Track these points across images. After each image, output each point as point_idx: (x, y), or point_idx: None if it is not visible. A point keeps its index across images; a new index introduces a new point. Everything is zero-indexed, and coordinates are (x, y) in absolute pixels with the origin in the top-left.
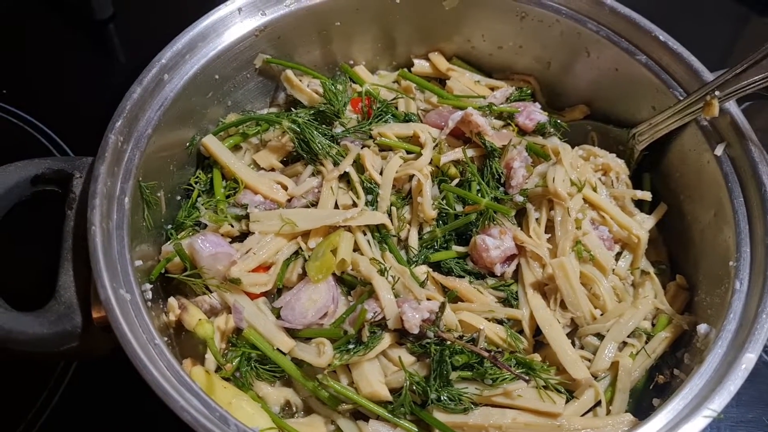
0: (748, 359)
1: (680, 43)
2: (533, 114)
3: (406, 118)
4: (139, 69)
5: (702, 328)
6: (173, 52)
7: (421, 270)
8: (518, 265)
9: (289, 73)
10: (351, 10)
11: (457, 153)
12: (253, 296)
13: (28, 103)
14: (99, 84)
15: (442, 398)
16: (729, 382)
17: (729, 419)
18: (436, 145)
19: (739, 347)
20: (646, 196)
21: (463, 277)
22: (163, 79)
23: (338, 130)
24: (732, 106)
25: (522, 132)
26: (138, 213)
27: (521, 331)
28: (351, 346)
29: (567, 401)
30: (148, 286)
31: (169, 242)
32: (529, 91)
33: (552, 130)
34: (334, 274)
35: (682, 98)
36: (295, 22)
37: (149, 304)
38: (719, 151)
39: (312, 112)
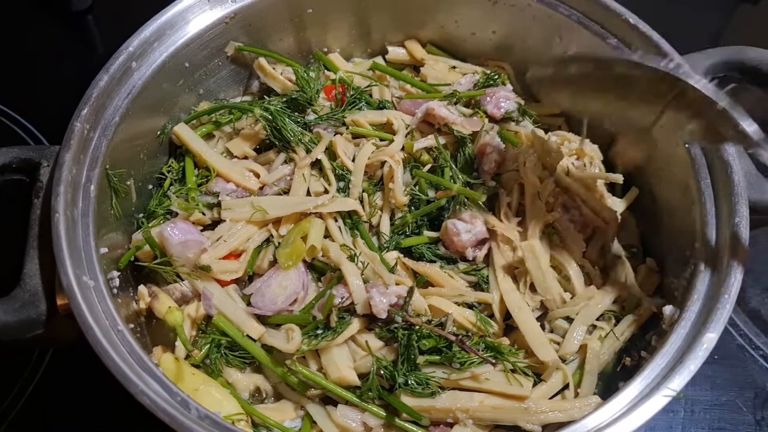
0: (709, 339)
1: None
2: (501, 102)
3: (380, 106)
4: None
5: (668, 309)
6: (141, 39)
7: (392, 256)
8: (489, 249)
9: (262, 60)
10: None
11: (429, 140)
12: (223, 283)
13: (5, 94)
14: (77, 75)
15: (409, 382)
16: (689, 362)
17: (703, 402)
18: (409, 132)
19: (701, 327)
20: (618, 178)
21: (435, 262)
22: (131, 66)
23: (311, 117)
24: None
25: (491, 120)
26: (105, 201)
27: (492, 316)
28: (319, 332)
29: (535, 384)
30: (116, 273)
31: (139, 230)
32: (496, 77)
33: (520, 118)
34: (305, 261)
35: None
36: (266, 9)
37: (116, 291)
38: None
39: (285, 99)
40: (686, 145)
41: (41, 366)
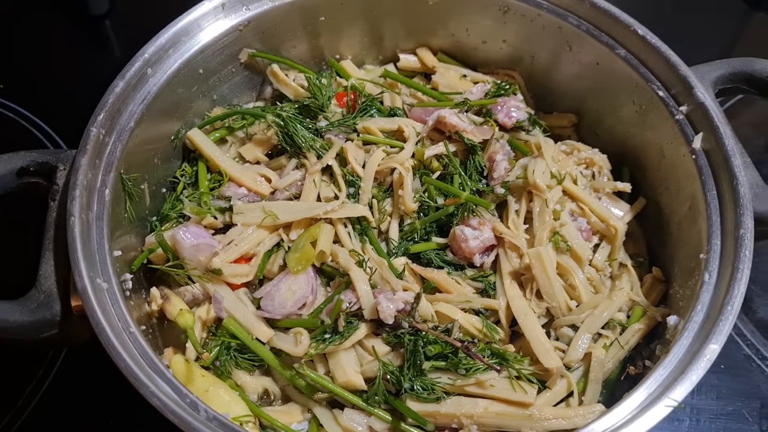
0: (712, 350)
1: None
2: (512, 111)
3: (391, 113)
4: None
5: (672, 319)
6: (156, 46)
7: (400, 261)
8: (497, 256)
9: (275, 67)
10: (336, 4)
11: (440, 147)
12: (234, 287)
13: (24, 98)
14: (94, 79)
15: (415, 387)
16: (691, 373)
17: (709, 411)
18: (420, 140)
19: (704, 338)
20: (626, 187)
21: (442, 268)
22: (146, 73)
23: (322, 123)
24: (707, 98)
25: (502, 128)
26: (120, 205)
27: (498, 322)
28: (327, 336)
29: (540, 391)
30: (129, 276)
31: (152, 233)
32: (507, 86)
33: (531, 127)
34: (314, 266)
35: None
36: (280, 17)
37: (128, 293)
38: (697, 143)
39: (297, 105)
40: (693, 156)
41: (55, 365)
